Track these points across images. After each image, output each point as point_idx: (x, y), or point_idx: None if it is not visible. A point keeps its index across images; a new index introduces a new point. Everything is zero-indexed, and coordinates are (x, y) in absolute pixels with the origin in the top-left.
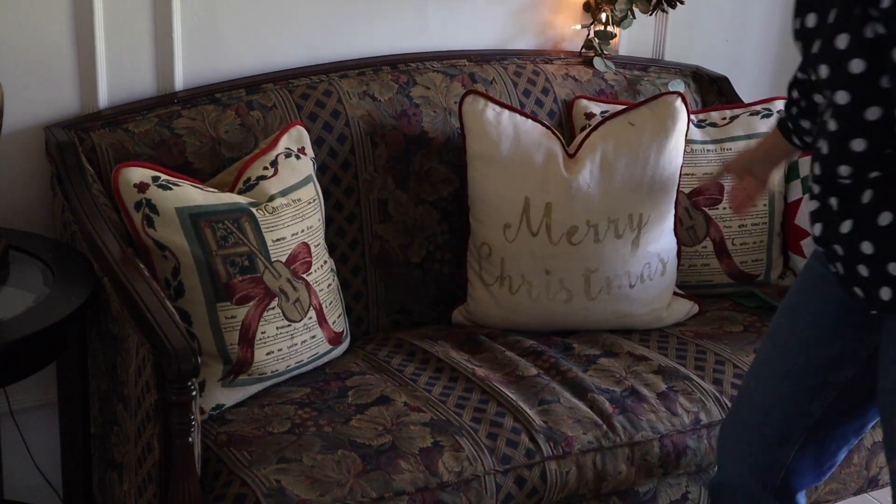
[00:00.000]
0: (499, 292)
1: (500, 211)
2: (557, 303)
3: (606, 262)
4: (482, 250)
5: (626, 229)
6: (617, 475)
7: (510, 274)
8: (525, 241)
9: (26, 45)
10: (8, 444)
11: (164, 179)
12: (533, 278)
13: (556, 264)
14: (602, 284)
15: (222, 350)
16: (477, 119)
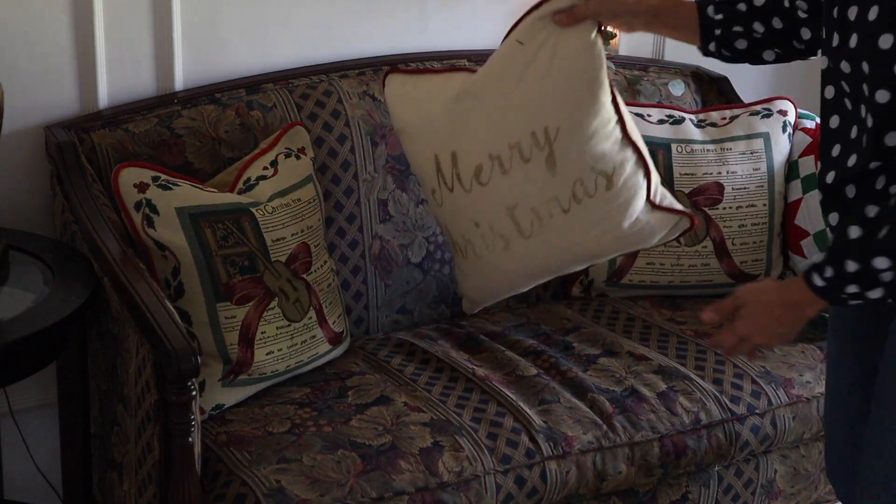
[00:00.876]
0: (463, 265)
1: (424, 181)
2: (498, 252)
3: (522, 192)
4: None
5: (532, 150)
6: (617, 475)
7: (456, 241)
8: (448, 201)
9: (26, 45)
10: (8, 444)
11: (164, 179)
12: (470, 236)
13: (479, 211)
14: (531, 217)
15: (222, 350)
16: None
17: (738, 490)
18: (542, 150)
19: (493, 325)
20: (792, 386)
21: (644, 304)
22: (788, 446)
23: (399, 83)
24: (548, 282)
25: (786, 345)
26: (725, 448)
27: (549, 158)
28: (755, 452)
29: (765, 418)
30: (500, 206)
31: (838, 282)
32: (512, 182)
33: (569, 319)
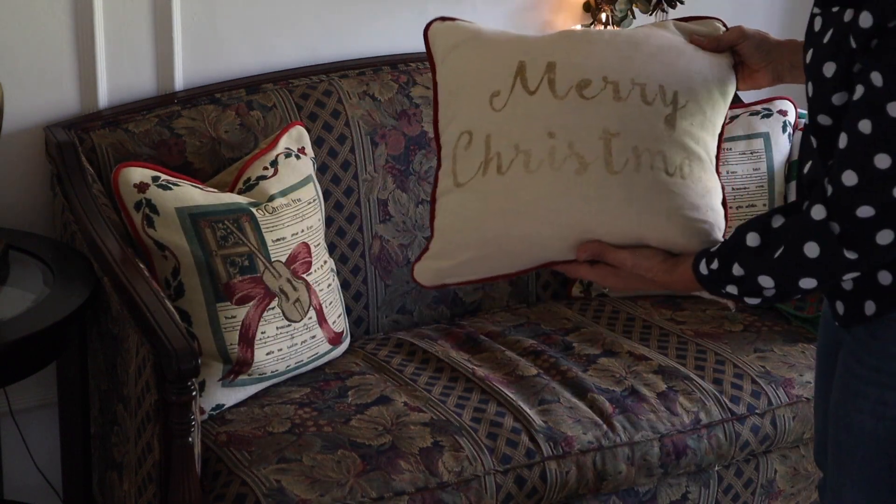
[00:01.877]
0: (479, 185)
1: (482, 83)
2: (566, 175)
3: (633, 126)
4: (460, 145)
5: (656, 99)
6: (617, 475)
7: (498, 150)
8: (519, 103)
9: (26, 45)
10: (8, 444)
11: (164, 179)
12: (531, 146)
13: (564, 124)
14: (628, 155)
15: (222, 350)
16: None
17: (738, 490)
18: (667, 106)
19: (493, 325)
20: (792, 386)
21: (644, 304)
22: (788, 446)
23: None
24: (548, 282)
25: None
26: (725, 448)
27: (671, 118)
28: (755, 452)
29: (765, 418)
30: (597, 126)
31: (720, 277)
32: (624, 111)
33: (569, 319)
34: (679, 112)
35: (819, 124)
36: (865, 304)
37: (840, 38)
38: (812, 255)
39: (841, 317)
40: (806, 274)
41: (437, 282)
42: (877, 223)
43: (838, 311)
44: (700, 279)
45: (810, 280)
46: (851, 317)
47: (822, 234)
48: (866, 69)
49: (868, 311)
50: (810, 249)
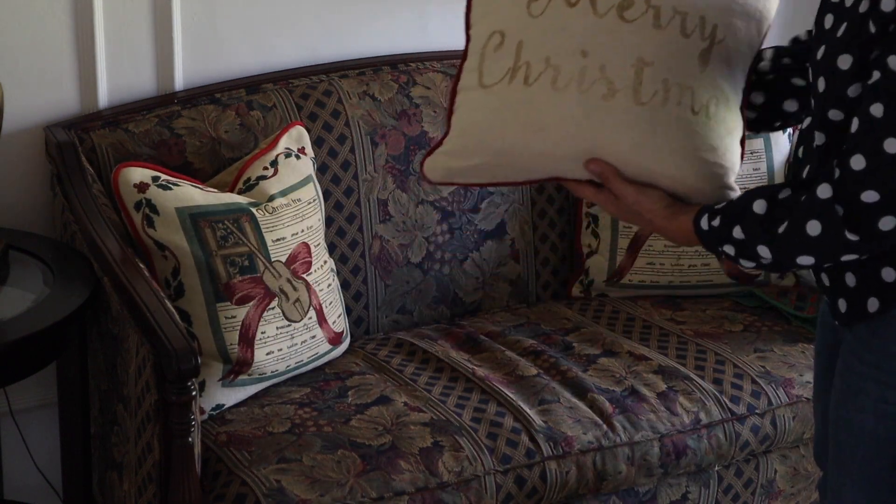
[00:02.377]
0: (503, 91)
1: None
2: (593, 98)
3: (667, 57)
4: (490, 44)
5: (695, 32)
6: (617, 475)
7: (528, 60)
8: (557, 14)
9: (26, 45)
10: (8, 444)
11: (164, 179)
12: (562, 62)
13: (599, 43)
14: (658, 87)
15: (222, 350)
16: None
17: (738, 490)
18: (704, 40)
19: (493, 325)
20: (792, 386)
21: (644, 304)
22: (788, 446)
23: None
24: (548, 282)
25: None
26: (725, 448)
27: (705, 54)
28: (755, 452)
29: (765, 418)
30: (632, 53)
31: (720, 236)
32: (660, 40)
33: (569, 319)
34: (715, 47)
35: (830, 119)
36: (868, 301)
37: (857, 29)
38: (813, 234)
39: (843, 314)
40: (805, 251)
41: (444, 179)
42: (881, 209)
43: (840, 309)
44: (699, 233)
45: (808, 257)
46: (854, 314)
47: (826, 213)
48: (883, 54)
49: (871, 308)
50: (812, 227)
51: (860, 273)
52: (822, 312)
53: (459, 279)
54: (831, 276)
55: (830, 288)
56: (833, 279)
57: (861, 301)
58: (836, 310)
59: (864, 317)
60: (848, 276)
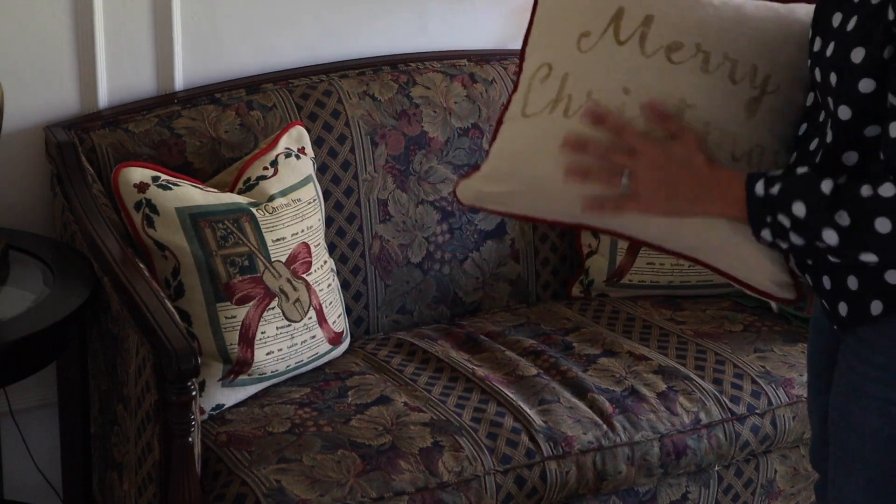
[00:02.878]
0: (542, 121)
1: (577, 19)
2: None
3: (710, 102)
4: (538, 76)
5: (745, 79)
6: (617, 475)
7: (571, 92)
8: (605, 51)
9: (26, 45)
10: (8, 444)
11: (164, 179)
12: (602, 97)
13: (642, 83)
14: (699, 129)
15: (222, 350)
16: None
17: (738, 490)
18: (754, 88)
19: (493, 325)
20: (792, 386)
21: (644, 304)
22: (788, 446)
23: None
24: (548, 282)
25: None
26: (725, 448)
27: (753, 103)
28: (755, 452)
29: (765, 418)
30: (674, 94)
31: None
32: (706, 84)
33: (569, 319)
34: (766, 98)
35: (840, 119)
36: (872, 304)
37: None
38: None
39: (843, 318)
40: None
41: (476, 203)
42: None
43: (840, 313)
44: (751, 198)
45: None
46: (856, 317)
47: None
48: None
49: (874, 310)
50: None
51: (863, 276)
52: (815, 316)
53: (459, 279)
54: (833, 280)
55: (831, 291)
56: (835, 282)
57: (864, 304)
58: (835, 313)
59: (866, 320)
60: (850, 279)
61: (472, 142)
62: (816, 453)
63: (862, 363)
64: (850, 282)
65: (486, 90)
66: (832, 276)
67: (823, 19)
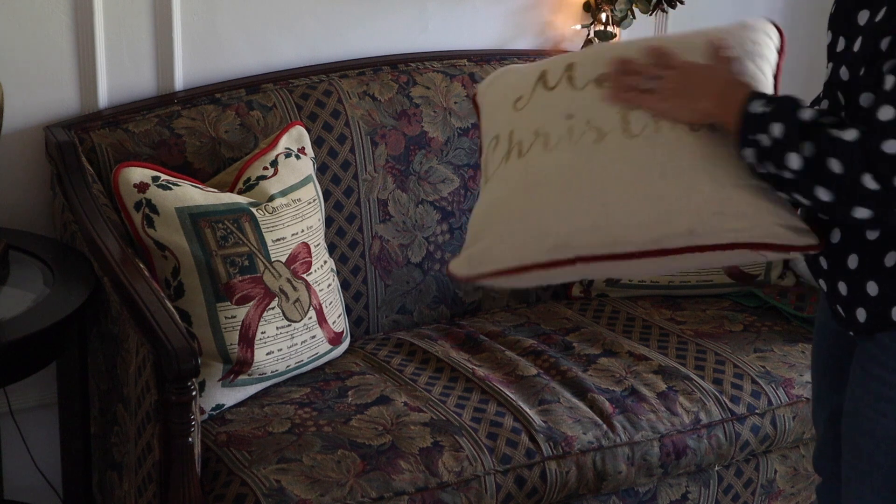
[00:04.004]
0: (502, 173)
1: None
2: (584, 145)
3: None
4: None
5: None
6: (617, 475)
7: (520, 139)
8: (539, 99)
9: (26, 45)
10: (8, 444)
11: (164, 179)
12: (550, 128)
13: (582, 106)
14: (647, 121)
15: (222, 350)
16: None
17: (738, 490)
18: None
19: (493, 325)
20: (792, 386)
21: (644, 304)
22: (788, 446)
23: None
24: None
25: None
26: (725, 448)
27: None
28: (755, 452)
29: (765, 418)
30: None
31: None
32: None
33: (569, 319)
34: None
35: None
36: (893, 310)
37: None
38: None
39: (861, 324)
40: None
41: (470, 272)
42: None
43: (858, 319)
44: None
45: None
46: (876, 323)
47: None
48: None
49: (895, 316)
50: (834, 165)
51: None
52: (819, 319)
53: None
54: (850, 285)
55: (847, 297)
56: (852, 288)
57: (885, 310)
58: (851, 319)
59: (887, 325)
60: (870, 284)
61: (472, 142)
62: (820, 456)
63: (881, 368)
64: (869, 287)
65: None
66: (849, 281)
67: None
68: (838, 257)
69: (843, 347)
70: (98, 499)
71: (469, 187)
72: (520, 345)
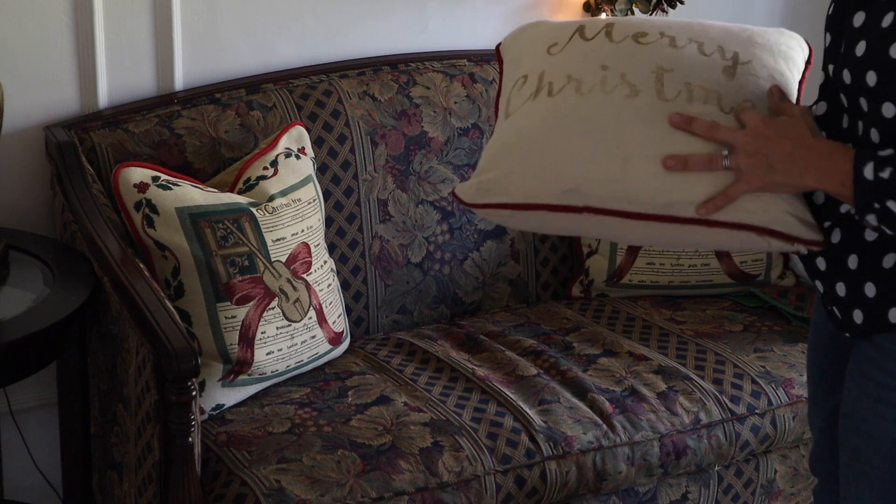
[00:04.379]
0: (527, 108)
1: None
2: (616, 98)
3: (687, 67)
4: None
5: (714, 54)
6: (617, 475)
7: (551, 80)
8: (575, 47)
9: (26, 45)
10: (8, 444)
11: (164, 179)
12: (583, 75)
13: (618, 59)
14: (681, 88)
15: (222, 350)
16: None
17: (738, 490)
18: (726, 60)
19: (493, 325)
20: (792, 386)
21: (644, 304)
22: (788, 446)
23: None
24: (547, 282)
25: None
26: (725, 448)
27: (729, 69)
28: (755, 452)
29: (765, 418)
30: (651, 63)
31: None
32: (678, 55)
33: (569, 319)
34: (740, 67)
35: (884, 117)
36: (890, 312)
37: None
38: None
39: (859, 325)
40: None
41: (477, 198)
42: None
43: (855, 320)
44: (859, 180)
45: None
46: (873, 325)
47: None
48: None
49: (893, 318)
50: None
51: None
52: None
53: (459, 279)
54: (849, 287)
55: (845, 298)
56: (850, 289)
57: (882, 312)
58: (848, 321)
59: (884, 327)
60: (868, 286)
61: (472, 142)
62: (817, 458)
63: (878, 370)
64: (867, 289)
65: (486, 90)
66: (848, 282)
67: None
68: (838, 258)
69: (839, 349)
70: (98, 499)
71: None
72: (520, 345)
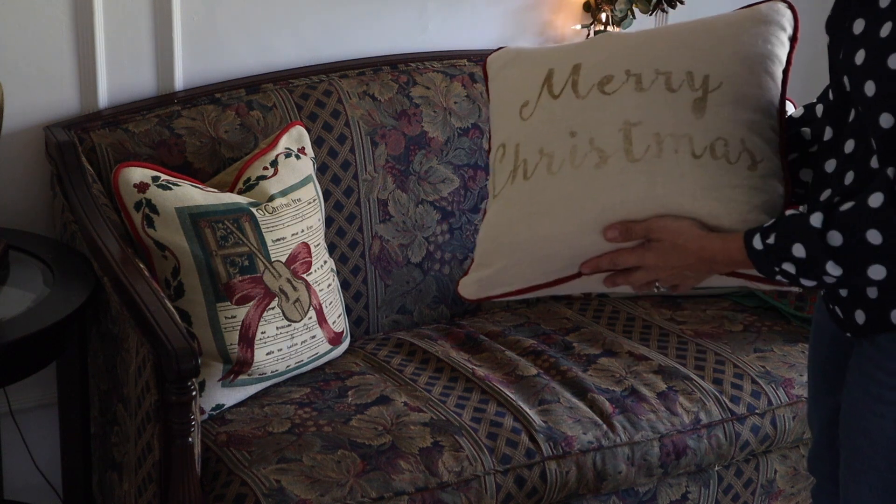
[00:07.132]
0: (508, 194)
1: (515, 96)
2: (585, 171)
3: (654, 115)
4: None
5: (683, 85)
6: (617, 475)
7: (525, 157)
8: (544, 110)
9: (26, 45)
10: (8, 444)
11: (164, 179)
12: (554, 147)
13: (584, 121)
14: (649, 142)
15: (222, 350)
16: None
17: (738, 490)
18: (696, 91)
19: (493, 325)
20: (792, 386)
21: (644, 304)
22: (788, 446)
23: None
24: None
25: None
26: (725, 448)
27: (699, 103)
28: (755, 452)
29: (765, 418)
30: (618, 119)
31: (778, 255)
32: (647, 100)
33: (569, 319)
34: (711, 95)
35: (881, 127)
36: (892, 312)
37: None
38: (875, 243)
39: (860, 326)
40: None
41: (479, 294)
42: None
43: (856, 321)
44: (752, 254)
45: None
46: (874, 325)
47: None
48: None
49: (894, 318)
50: (873, 237)
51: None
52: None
53: (459, 279)
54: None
55: (847, 299)
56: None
57: (883, 312)
58: (850, 321)
59: (886, 327)
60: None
61: (472, 142)
62: (815, 458)
63: (878, 369)
64: (869, 290)
65: (486, 90)
66: None
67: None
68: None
69: (840, 349)
70: (98, 499)
71: (469, 187)
72: (520, 345)
